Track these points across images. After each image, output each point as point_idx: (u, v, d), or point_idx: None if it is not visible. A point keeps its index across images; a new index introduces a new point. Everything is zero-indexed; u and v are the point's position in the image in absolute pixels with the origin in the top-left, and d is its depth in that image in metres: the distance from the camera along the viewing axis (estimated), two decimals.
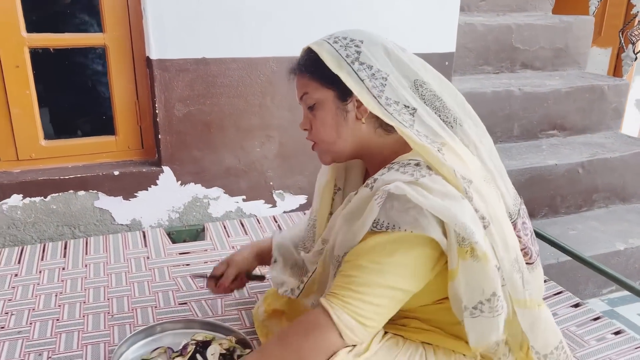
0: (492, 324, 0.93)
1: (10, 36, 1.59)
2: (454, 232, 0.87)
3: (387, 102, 0.95)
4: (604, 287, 2.09)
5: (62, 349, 1.26)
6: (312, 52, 1.00)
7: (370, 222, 0.90)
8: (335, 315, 0.89)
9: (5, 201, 1.66)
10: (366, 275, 0.90)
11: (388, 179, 0.91)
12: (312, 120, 1.04)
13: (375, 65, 0.96)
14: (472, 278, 0.89)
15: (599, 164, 2.26)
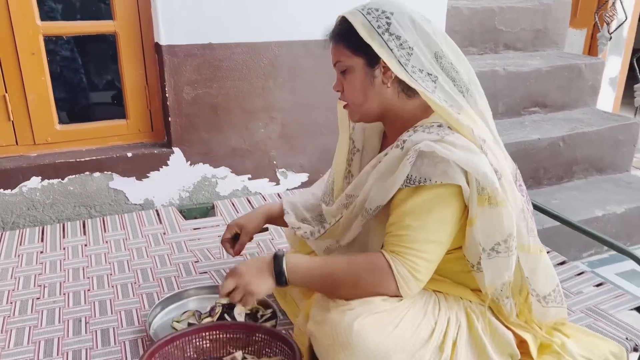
0: (507, 263, 1.07)
1: (25, 25, 1.65)
2: (475, 181, 1.00)
3: (412, 70, 1.06)
4: (585, 251, 2.26)
5: (98, 315, 1.36)
6: (346, 21, 1.10)
7: (402, 179, 1.02)
8: (395, 267, 1.03)
9: (24, 184, 1.74)
10: (413, 233, 1.03)
11: (416, 139, 1.04)
12: (343, 83, 1.15)
13: (403, 36, 1.07)
14: (489, 223, 1.03)
15: (577, 138, 2.42)
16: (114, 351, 1.23)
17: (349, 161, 1.31)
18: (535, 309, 1.20)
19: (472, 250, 1.09)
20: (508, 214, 1.05)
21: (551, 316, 1.23)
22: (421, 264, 1.03)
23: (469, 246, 1.09)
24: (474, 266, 1.11)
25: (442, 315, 1.11)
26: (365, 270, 1.07)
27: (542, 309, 1.20)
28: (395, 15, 1.09)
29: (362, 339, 1.00)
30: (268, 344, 1.18)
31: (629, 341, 1.27)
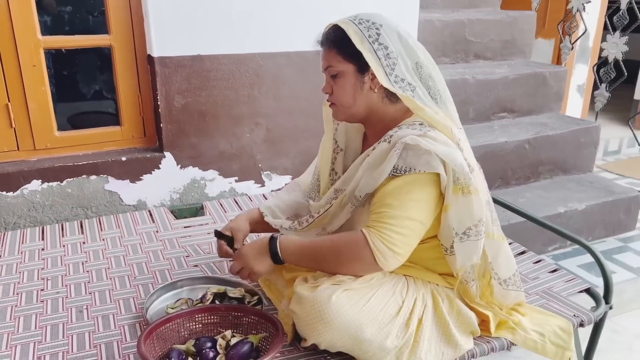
0: (476, 246, 1.23)
1: (27, 39, 1.78)
2: (452, 172, 1.16)
3: (395, 79, 1.21)
4: (549, 245, 2.43)
5: (98, 303, 1.49)
6: (340, 30, 1.23)
7: (389, 169, 1.17)
8: (371, 240, 1.17)
9: (25, 186, 1.86)
10: (392, 211, 1.17)
11: (402, 134, 1.19)
12: (333, 86, 1.28)
13: (390, 47, 1.21)
14: (462, 210, 1.19)
15: (542, 140, 2.60)
16: (115, 333, 1.36)
17: (332, 160, 1.45)
18: (497, 292, 1.36)
19: (446, 234, 1.23)
20: (478, 201, 1.21)
21: (511, 299, 1.39)
22: (396, 238, 1.16)
23: (443, 231, 1.24)
24: (447, 250, 1.26)
25: (409, 295, 1.26)
26: (345, 244, 1.21)
27: (503, 291, 1.36)
28: (383, 27, 1.23)
29: (337, 312, 1.15)
30: (254, 325, 1.31)
31: (576, 317, 1.43)
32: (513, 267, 1.37)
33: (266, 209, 1.54)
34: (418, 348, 1.22)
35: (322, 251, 1.25)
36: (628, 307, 2.25)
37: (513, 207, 1.97)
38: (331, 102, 1.33)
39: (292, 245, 1.29)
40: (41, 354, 1.27)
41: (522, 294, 1.43)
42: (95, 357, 1.26)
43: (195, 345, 1.24)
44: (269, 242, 1.29)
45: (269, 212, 1.54)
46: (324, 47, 1.29)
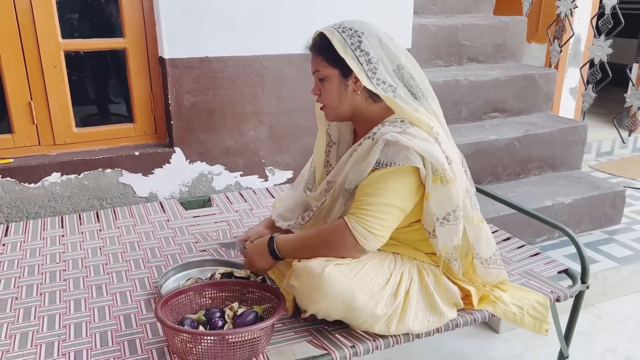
0: (455, 230, 1.37)
1: (49, 42, 1.94)
2: (430, 164, 1.29)
3: (377, 82, 1.34)
4: (537, 237, 2.56)
5: (116, 282, 1.62)
6: (325, 37, 1.36)
7: (373, 162, 1.31)
8: (351, 225, 1.31)
9: (46, 178, 2.00)
10: (370, 198, 1.31)
11: (384, 132, 1.33)
12: (321, 88, 1.42)
13: (371, 53, 1.34)
14: (441, 197, 1.32)
15: (531, 138, 2.73)
16: (132, 307, 1.49)
17: (327, 153, 1.60)
18: (480, 270, 1.50)
19: (428, 219, 1.37)
20: (456, 190, 1.34)
21: (494, 276, 1.52)
22: (373, 221, 1.30)
23: (425, 217, 1.37)
24: (430, 233, 1.39)
25: (396, 269, 1.40)
26: (330, 231, 1.36)
27: (485, 269, 1.50)
28: (365, 35, 1.35)
29: (331, 282, 1.28)
30: (259, 300, 1.45)
31: (553, 294, 1.56)
32: (493, 247, 1.50)
33: (277, 217, 1.67)
34: (405, 316, 1.35)
35: (311, 241, 1.39)
36: (612, 294, 2.38)
37: (503, 199, 2.09)
38: (321, 105, 1.46)
39: (287, 242, 1.43)
40: (66, 323, 1.41)
41: (504, 272, 1.56)
42: (115, 326, 1.40)
43: (206, 315, 1.37)
44: (268, 242, 1.45)
45: (280, 218, 1.66)
46: (311, 53, 1.42)
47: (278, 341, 1.34)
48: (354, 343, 1.32)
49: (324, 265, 1.30)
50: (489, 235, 1.50)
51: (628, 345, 2.09)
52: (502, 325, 2.14)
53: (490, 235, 1.51)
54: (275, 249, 1.43)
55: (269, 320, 1.26)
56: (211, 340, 1.23)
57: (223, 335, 1.23)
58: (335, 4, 2.26)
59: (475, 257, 1.48)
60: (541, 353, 2.02)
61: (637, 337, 2.14)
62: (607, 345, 2.09)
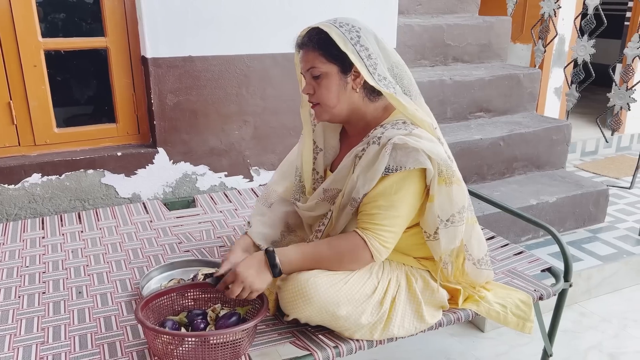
0: (458, 231, 1.36)
1: (29, 41, 1.90)
2: (437, 165, 1.27)
3: (379, 77, 1.29)
4: (522, 235, 2.57)
5: (97, 283, 1.60)
6: (322, 32, 1.29)
7: (382, 168, 1.26)
8: (370, 243, 1.28)
9: (26, 179, 1.97)
10: (384, 212, 1.28)
11: (390, 135, 1.27)
12: (315, 87, 1.34)
13: (370, 48, 1.29)
14: (445, 199, 1.31)
15: (516, 137, 2.74)
16: (113, 309, 1.47)
17: (313, 160, 1.52)
18: (471, 271, 1.49)
19: (431, 222, 1.34)
20: (461, 190, 1.33)
21: (483, 277, 1.52)
22: (389, 236, 1.29)
23: (428, 219, 1.34)
24: (431, 235, 1.37)
25: (384, 276, 1.38)
26: (346, 249, 1.31)
27: (477, 270, 1.49)
28: (362, 31, 1.31)
29: (317, 291, 1.27)
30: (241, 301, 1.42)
31: (536, 292, 1.56)
32: (485, 248, 1.50)
33: (258, 238, 1.52)
34: (391, 323, 1.34)
35: (323, 258, 1.31)
36: (595, 292, 2.40)
37: (488, 198, 2.09)
38: (314, 103, 1.37)
39: (291, 256, 1.31)
40: (44, 326, 1.39)
41: (492, 273, 1.56)
42: (95, 329, 1.38)
43: (188, 317, 1.35)
44: (267, 257, 1.29)
45: (262, 239, 1.53)
46: (305, 48, 1.34)
47: (261, 342, 1.33)
48: (337, 344, 1.32)
49: (312, 274, 1.29)
50: (481, 235, 1.50)
51: (612, 343, 2.11)
52: (487, 324, 2.14)
53: (482, 236, 1.51)
54: (278, 264, 1.29)
55: (252, 321, 1.25)
56: (193, 342, 1.22)
57: (205, 337, 1.22)
58: (319, 3, 2.25)
59: (467, 258, 1.47)
60: (526, 351, 2.03)
61: (621, 334, 2.16)
62: (591, 343, 2.10)
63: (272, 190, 1.63)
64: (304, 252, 1.33)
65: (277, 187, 1.64)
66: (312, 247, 1.35)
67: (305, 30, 1.35)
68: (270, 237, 1.55)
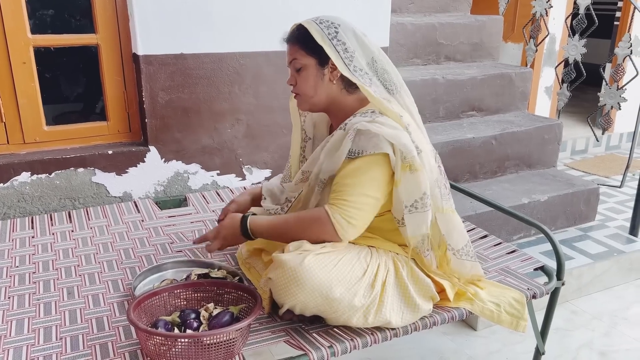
0: (423, 217, 1.38)
1: (18, 37, 1.88)
2: (399, 151, 1.31)
3: (354, 69, 1.38)
4: (514, 234, 2.58)
5: (88, 284, 1.58)
6: (303, 28, 1.41)
7: (345, 152, 1.33)
8: (332, 216, 1.33)
9: (15, 178, 1.94)
10: (349, 189, 1.33)
11: (354, 122, 1.36)
12: (297, 78, 1.46)
13: (347, 43, 1.39)
14: (409, 185, 1.34)
15: (508, 136, 2.75)
16: (105, 310, 1.45)
17: (302, 148, 1.62)
18: (453, 262, 1.51)
19: (398, 207, 1.39)
20: (424, 178, 1.35)
21: (468, 269, 1.53)
22: (353, 212, 1.33)
23: (395, 204, 1.39)
24: (399, 221, 1.41)
25: (373, 261, 1.40)
26: (309, 220, 1.37)
27: (458, 261, 1.50)
28: (341, 27, 1.41)
29: (309, 274, 1.28)
30: (235, 301, 1.42)
31: (530, 290, 1.57)
32: (465, 238, 1.51)
33: (266, 192, 1.69)
34: (383, 307, 1.35)
35: (289, 227, 1.41)
36: (586, 290, 2.41)
37: (480, 196, 2.10)
38: (296, 93, 1.49)
39: (261, 224, 1.46)
40: (35, 327, 1.37)
41: (478, 266, 1.56)
42: (87, 330, 1.36)
43: (180, 317, 1.34)
44: (241, 223, 1.47)
45: (269, 195, 1.68)
46: (289, 43, 1.46)
47: (255, 342, 1.32)
48: (331, 343, 1.31)
49: (303, 257, 1.29)
50: (460, 226, 1.51)
51: (603, 341, 2.12)
52: (480, 323, 2.15)
53: (462, 226, 1.51)
54: (249, 230, 1.46)
55: (245, 320, 1.24)
56: (186, 343, 1.20)
57: (198, 337, 1.21)
58: (313, 1, 2.24)
59: (447, 248, 1.49)
60: (518, 349, 2.04)
61: (612, 332, 2.17)
62: (582, 341, 2.12)
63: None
64: (273, 220, 1.45)
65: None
66: (281, 218, 1.46)
67: (292, 27, 1.47)
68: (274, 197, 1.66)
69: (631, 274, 2.54)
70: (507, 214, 1.92)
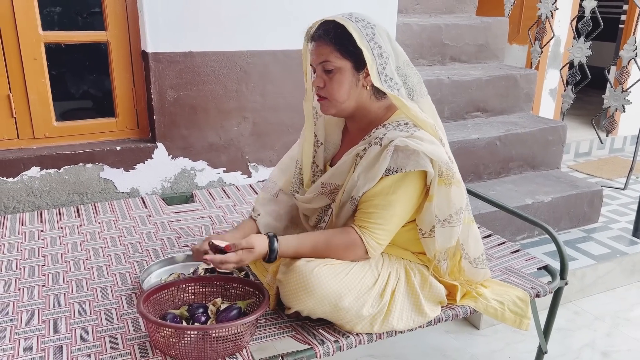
0: (454, 231, 1.38)
1: (29, 34, 1.90)
2: (438, 167, 1.29)
3: (385, 78, 1.29)
4: (518, 234, 2.59)
5: (96, 277, 1.60)
6: (340, 26, 1.28)
7: (383, 169, 1.28)
8: (365, 240, 1.32)
9: (25, 173, 1.96)
10: (380, 211, 1.31)
11: (391, 136, 1.29)
12: (326, 80, 1.34)
13: (383, 46, 1.30)
14: (443, 199, 1.33)
15: (512, 137, 2.76)
16: (113, 302, 1.48)
17: (313, 153, 1.54)
18: (467, 270, 1.51)
19: (428, 220, 1.36)
20: (460, 192, 1.35)
21: (480, 276, 1.54)
22: (383, 234, 1.33)
23: (425, 217, 1.36)
24: (426, 233, 1.39)
25: (384, 269, 1.40)
26: (342, 244, 1.34)
27: (473, 269, 1.51)
28: (377, 28, 1.32)
29: (320, 282, 1.28)
30: (242, 295, 1.44)
31: (533, 289, 1.58)
32: (481, 248, 1.52)
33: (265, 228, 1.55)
34: (390, 315, 1.36)
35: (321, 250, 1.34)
36: (589, 291, 2.42)
37: (487, 197, 2.10)
38: (321, 96, 1.38)
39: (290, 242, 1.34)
40: (45, 318, 1.39)
41: (489, 272, 1.57)
42: (96, 322, 1.38)
43: (189, 311, 1.36)
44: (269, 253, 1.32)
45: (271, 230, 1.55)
46: (319, 41, 1.33)
47: (261, 336, 1.34)
48: (337, 338, 1.33)
49: (314, 265, 1.30)
50: (478, 235, 1.52)
51: (605, 341, 2.13)
52: (483, 322, 2.17)
53: (479, 236, 1.52)
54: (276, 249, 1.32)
55: (253, 315, 1.26)
56: (194, 335, 1.22)
57: (206, 330, 1.23)
58: (319, 1, 2.26)
59: (463, 257, 1.49)
60: (520, 349, 2.06)
61: (614, 333, 2.19)
62: (584, 341, 2.13)
63: (273, 182, 1.65)
64: (302, 246, 1.35)
65: (277, 179, 1.66)
66: (310, 236, 1.38)
67: (319, 23, 1.34)
68: (275, 229, 1.57)
69: (634, 276, 2.55)
70: (512, 214, 1.93)
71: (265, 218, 1.57)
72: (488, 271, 1.56)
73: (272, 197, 1.62)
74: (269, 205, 1.60)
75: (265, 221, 1.57)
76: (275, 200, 1.61)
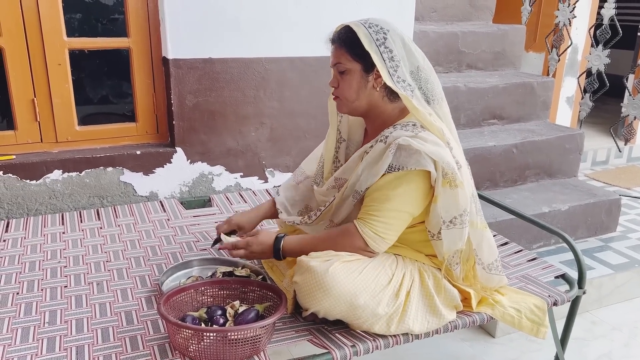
0: (461, 234, 1.39)
1: (54, 40, 1.95)
2: (441, 168, 1.31)
3: (397, 79, 1.34)
4: (534, 243, 2.58)
5: (116, 279, 1.63)
6: (351, 31, 1.36)
7: (386, 166, 1.33)
8: (361, 229, 1.35)
9: (48, 176, 2.00)
10: (377, 204, 1.35)
11: (396, 135, 1.34)
12: (340, 81, 1.43)
13: (394, 51, 1.35)
14: (448, 201, 1.35)
15: (529, 145, 2.75)
16: (133, 304, 1.50)
17: (336, 149, 1.61)
18: (481, 275, 1.51)
19: (434, 222, 1.39)
20: (464, 194, 1.36)
21: (495, 282, 1.54)
22: (381, 226, 1.34)
23: (432, 219, 1.39)
24: (434, 235, 1.41)
25: (398, 270, 1.41)
26: (339, 235, 1.39)
27: (487, 275, 1.51)
28: (390, 33, 1.36)
29: (335, 281, 1.30)
30: (260, 299, 1.46)
31: (550, 298, 1.57)
32: (495, 253, 1.52)
33: (281, 206, 1.71)
34: (406, 316, 1.37)
35: (320, 243, 1.42)
36: (606, 301, 2.40)
37: (501, 204, 2.11)
38: (336, 95, 1.47)
39: (292, 249, 1.47)
40: (67, 319, 1.42)
41: (505, 278, 1.57)
42: (117, 323, 1.41)
43: (207, 313, 1.38)
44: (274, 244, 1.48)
45: (283, 209, 1.70)
46: (334, 44, 1.42)
47: (279, 340, 1.35)
48: (354, 342, 1.34)
49: (329, 264, 1.32)
50: (492, 241, 1.52)
51: (622, 352, 2.11)
52: (498, 330, 2.15)
53: (493, 242, 1.52)
54: (280, 252, 1.47)
55: (271, 318, 1.27)
56: (213, 337, 1.24)
57: (225, 332, 1.24)
58: (338, 8, 2.28)
59: (477, 262, 1.49)
60: (536, 358, 2.04)
61: (631, 343, 2.16)
62: (601, 351, 2.11)
63: (301, 170, 1.77)
64: (304, 239, 1.48)
65: (306, 167, 1.76)
66: (313, 238, 1.48)
67: (339, 27, 1.43)
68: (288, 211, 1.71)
69: None
70: (529, 222, 1.93)
71: (282, 199, 1.72)
72: (503, 277, 1.56)
73: (294, 184, 1.74)
74: (289, 191, 1.74)
75: (281, 200, 1.72)
76: (296, 187, 1.73)
